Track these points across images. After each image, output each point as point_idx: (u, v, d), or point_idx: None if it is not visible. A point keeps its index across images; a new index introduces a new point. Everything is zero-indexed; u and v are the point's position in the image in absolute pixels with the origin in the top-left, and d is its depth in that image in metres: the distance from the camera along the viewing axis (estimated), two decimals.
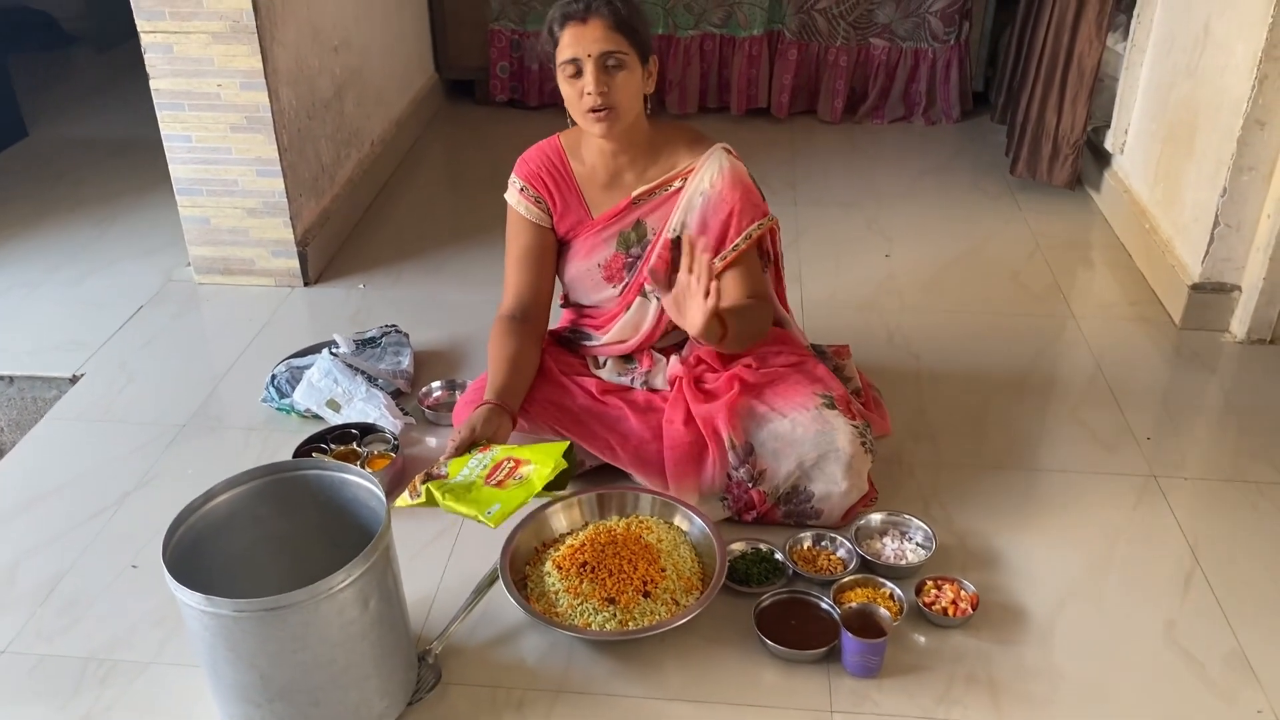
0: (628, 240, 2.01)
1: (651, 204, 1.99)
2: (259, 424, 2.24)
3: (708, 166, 1.97)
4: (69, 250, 3.01)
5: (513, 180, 2.04)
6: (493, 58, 3.97)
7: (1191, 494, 2.03)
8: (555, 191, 2.01)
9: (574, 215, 2.02)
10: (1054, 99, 3.14)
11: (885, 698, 1.59)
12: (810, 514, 1.90)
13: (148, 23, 2.47)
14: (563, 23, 1.84)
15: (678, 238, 1.97)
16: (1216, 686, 1.61)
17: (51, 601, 1.78)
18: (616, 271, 2.04)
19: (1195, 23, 2.64)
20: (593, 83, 1.82)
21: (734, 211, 1.96)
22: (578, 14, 1.82)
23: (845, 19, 3.81)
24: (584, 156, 2.00)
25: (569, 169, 2.01)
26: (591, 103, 1.83)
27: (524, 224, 2.03)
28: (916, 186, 3.42)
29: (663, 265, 1.98)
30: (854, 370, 2.24)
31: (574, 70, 1.83)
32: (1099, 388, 2.36)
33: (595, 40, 1.81)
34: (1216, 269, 2.52)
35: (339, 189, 3.05)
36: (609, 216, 2.01)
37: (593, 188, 2.01)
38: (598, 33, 1.81)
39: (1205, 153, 2.54)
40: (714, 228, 1.97)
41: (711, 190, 1.96)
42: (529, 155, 2.04)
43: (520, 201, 2.03)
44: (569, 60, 1.83)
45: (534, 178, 2.01)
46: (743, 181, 1.98)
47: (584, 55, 1.81)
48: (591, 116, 1.85)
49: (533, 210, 2.02)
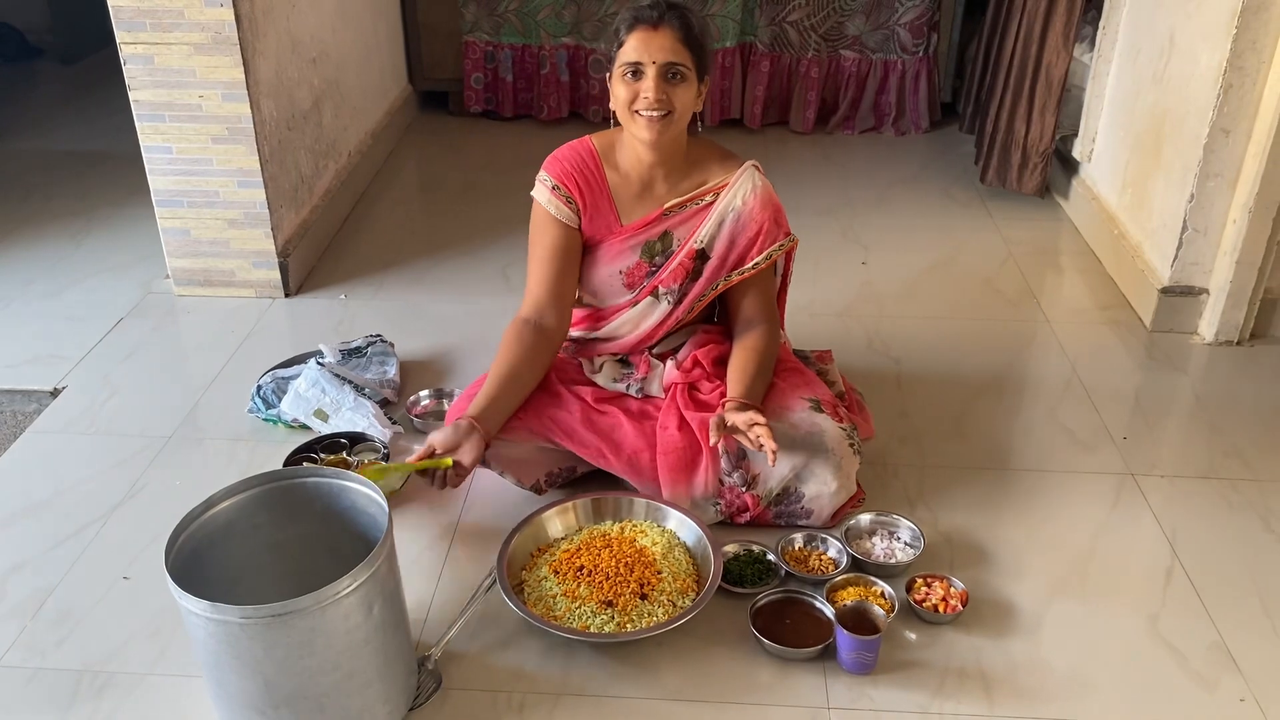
0: (652, 249, 2.02)
1: (681, 216, 2.01)
2: (245, 434, 2.24)
3: (740, 184, 2.00)
4: (43, 265, 2.98)
5: (543, 178, 2.02)
6: (467, 69, 3.99)
7: (1168, 491, 2.08)
8: (586, 194, 2.00)
9: (602, 221, 2.02)
10: (1023, 108, 3.21)
11: (881, 693, 1.62)
12: (801, 514, 1.93)
13: (128, 34, 2.46)
14: (632, 25, 1.85)
15: (702, 249, 2.00)
16: (1200, 676, 1.66)
17: (43, 615, 1.77)
18: (639, 279, 2.05)
19: (1160, 33, 2.72)
20: (653, 89, 1.84)
21: (761, 231, 2.00)
22: (650, 19, 1.84)
23: (816, 31, 3.87)
24: (618, 163, 2.01)
25: (602, 174, 2.01)
26: (647, 106, 1.85)
27: (552, 223, 2.01)
28: (889, 195, 3.48)
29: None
30: (837, 375, 2.28)
31: (634, 73, 1.85)
32: (1075, 389, 2.41)
33: (662, 49, 1.84)
34: (1185, 273, 2.58)
35: (318, 200, 3.04)
36: (638, 226, 2.01)
37: (625, 196, 2.02)
38: (666, 41, 1.84)
39: (1173, 160, 2.61)
40: (740, 244, 2.01)
41: (743, 208, 1.99)
42: (562, 154, 2.02)
43: (551, 200, 2.00)
44: (632, 63, 1.85)
45: (567, 177, 2.00)
46: (772, 202, 2.02)
47: (648, 61, 1.84)
48: (643, 119, 1.87)
49: (563, 210, 2.00)
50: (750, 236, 2.00)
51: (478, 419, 1.86)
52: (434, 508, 2.02)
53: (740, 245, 2.01)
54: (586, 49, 3.92)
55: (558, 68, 3.93)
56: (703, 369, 2.04)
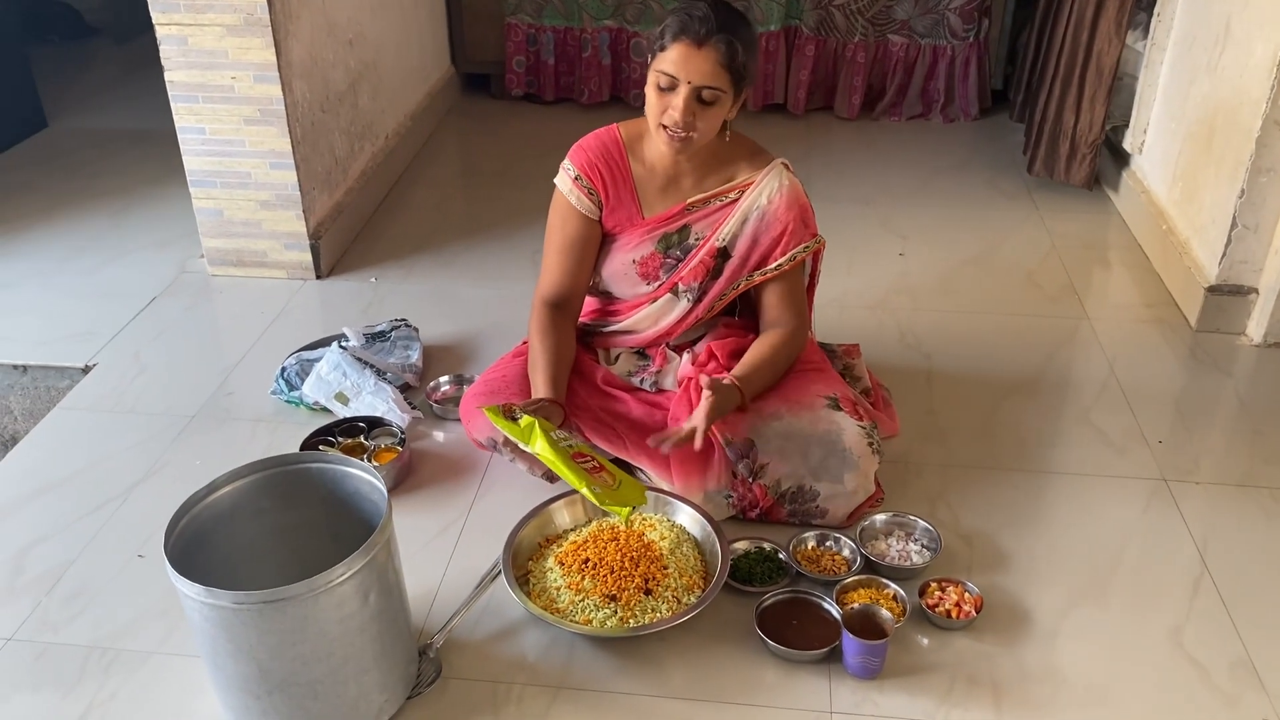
0: (669, 242, 1.99)
1: (704, 212, 1.97)
2: (268, 416, 2.25)
3: (767, 182, 1.96)
4: (84, 240, 3.03)
5: (566, 166, 1.99)
6: (509, 51, 3.97)
7: (1202, 498, 2.01)
8: (609, 185, 1.97)
9: (624, 212, 1.99)
10: (1072, 97, 3.11)
11: (886, 699, 1.58)
12: (816, 513, 1.89)
13: (163, 15, 2.48)
14: (676, 36, 1.78)
15: (724, 247, 1.97)
16: (1222, 693, 1.60)
17: (58, 590, 1.80)
18: (652, 270, 2.02)
19: (1216, 21, 2.61)
20: (681, 109, 1.79)
21: (786, 231, 1.96)
22: (695, 36, 1.76)
23: (863, 15, 3.79)
24: (644, 155, 1.97)
25: (627, 165, 1.97)
26: (672, 124, 1.81)
27: (572, 213, 1.99)
28: (932, 185, 3.40)
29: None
30: (863, 370, 2.23)
31: (668, 84, 1.80)
32: (1111, 390, 2.33)
33: (700, 72, 1.77)
34: (1234, 271, 2.49)
35: (352, 182, 3.05)
36: (660, 219, 1.98)
37: (648, 188, 1.98)
38: (706, 65, 1.77)
39: (1224, 153, 2.51)
40: (764, 244, 1.97)
41: (769, 206, 1.95)
42: (587, 144, 1.99)
43: (573, 190, 1.98)
44: (667, 74, 1.79)
45: (590, 168, 1.97)
46: (799, 202, 1.97)
47: (684, 80, 1.78)
48: (665, 134, 1.83)
49: (584, 201, 1.98)
50: (774, 236, 1.96)
51: (553, 398, 1.87)
52: (445, 495, 2.01)
53: (764, 245, 1.96)
54: (629, 32, 3.88)
55: (599, 51, 3.90)
56: (717, 362, 2.00)
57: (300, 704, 1.45)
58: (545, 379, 1.90)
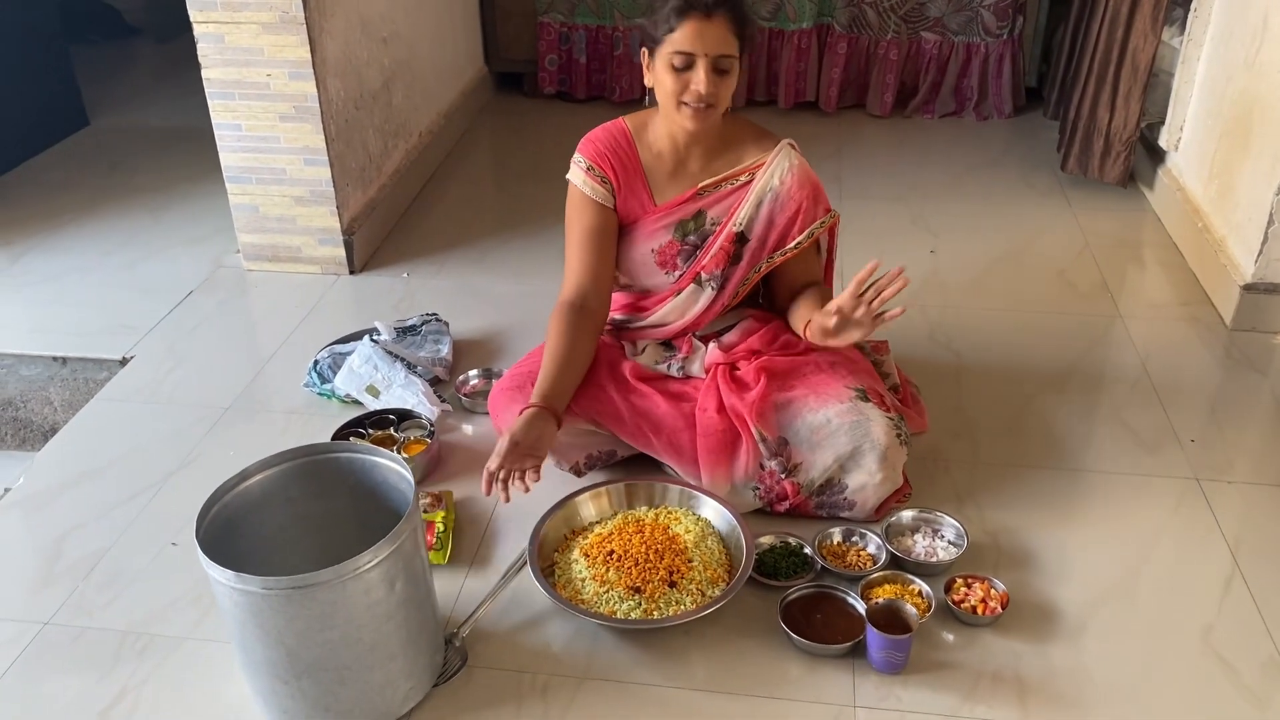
0: (685, 229, 2.00)
1: (716, 195, 1.98)
2: (300, 408, 2.28)
3: (777, 163, 1.96)
4: (123, 236, 3.08)
5: (577, 159, 2.00)
6: (541, 50, 3.99)
7: (1235, 498, 1.99)
8: (620, 173, 1.98)
9: (636, 200, 2.00)
10: (1106, 94, 3.08)
11: (910, 694, 1.58)
12: (843, 505, 1.89)
13: (200, 13, 2.52)
14: (683, 12, 1.78)
15: (741, 231, 1.97)
16: (1251, 693, 1.58)
17: (94, 576, 1.83)
18: (670, 258, 2.02)
19: (1254, 16, 2.58)
20: (705, 83, 1.80)
21: (800, 209, 1.96)
22: (703, 8, 1.78)
23: (896, 12, 3.78)
24: (651, 143, 1.99)
25: (635, 154, 1.99)
26: (696, 99, 1.82)
27: (588, 204, 1.99)
28: (964, 182, 3.38)
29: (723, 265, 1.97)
30: (892, 366, 2.22)
31: (684, 63, 1.80)
32: (1143, 389, 2.31)
33: (716, 40, 1.79)
34: (1270, 269, 2.46)
35: (386, 179, 3.08)
36: (672, 205, 1.99)
37: (658, 175, 2.00)
38: (720, 33, 1.79)
39: (1261, 150, 2.48)
40: (780, 225, 1.97)
41: (781, 187, 1.95)
42: (595, 135, 2.01)
43: (586, 181, 1.98)
44: (683, 53, 1.79)
45: (600, 158, 1.98)
46: (810, 180, 1.98)
47: (701, 53, 1.78)
48: (689, 110, 1.84)
49: (598, 190, 1.98)
50: (790, 216, 1.96)
51: (545, 405, 1.83)
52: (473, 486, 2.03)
53: (780, 225, 1.97)
54: None
55: (631, 49, 3.91)
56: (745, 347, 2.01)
57: (327, 689, 1.47)
58: (541, 386, 1.86)
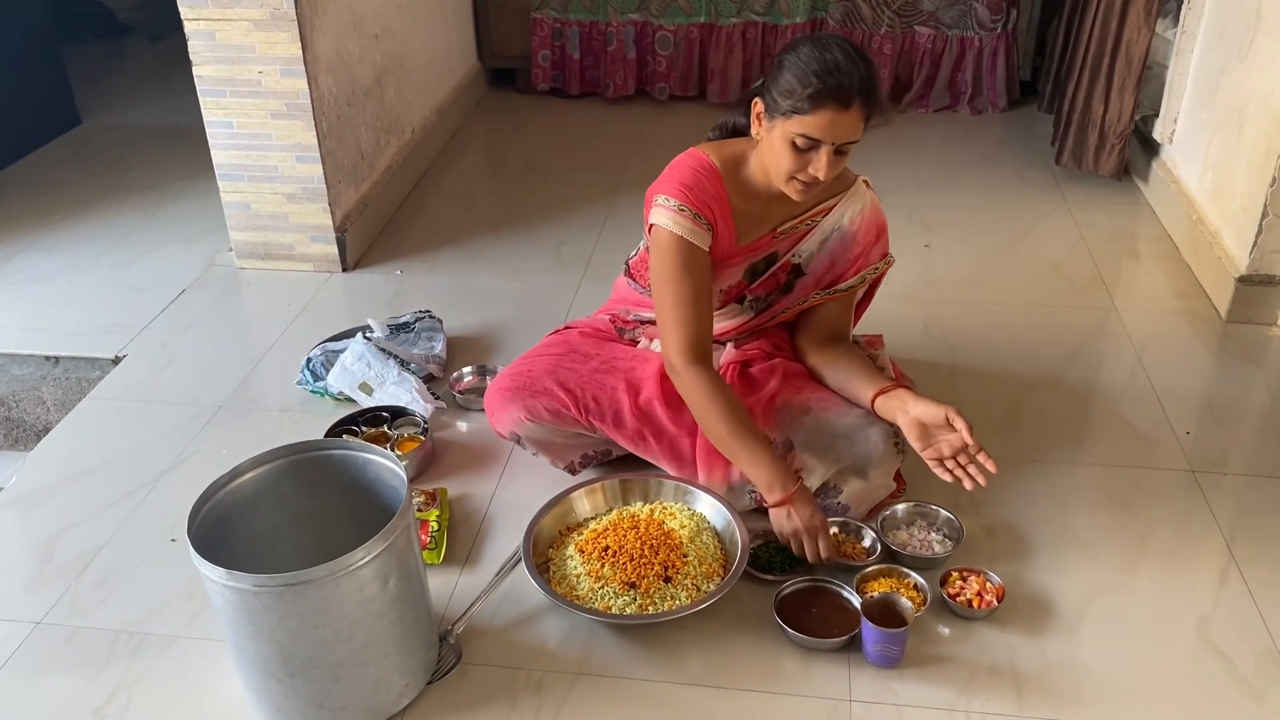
0: (755, 270, 1.95)
1: (791, 237, 1.94)
2: (293, 406, 2.28)
3: (850, 203, 1.92)
4: (116, 235, 3.07)
5: (679, 207, 1.80)
6: (534, 46, 3.98)
7: (1231, 490, 1.98)
8: (718, 220, 1.85)
9: (722, 246, 1.90)
10: (1101, 87, 3.08)
11: (905, 688, 1.58)
12: (836, 510, 1.88)
13: (191, 10, 2.51)
14: (820, 101, 1.65)
15: (799, 264, 1.94)
16: (1247, 684, 1.58)
17: (87, 575, 1.83)
18: (733, 295, 1.98)
19: (1247, 7, 2.57)
20: (825, 169, 1.70)
21: (862, 253, 1.94)
22: (842, 99, 1.65)
23: (890, 6, 3.77)
24: (742, 189, 1.86)
25: (726, 198, 1.86)
26: (811, 181, 1.74)
27: (697, 254, 1.81)
28: (959, 176, 3.37)
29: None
30: (886, 361, 2.21)
31: (807, 145, 1.69)
32: (1139, 382, 2.31)
33: (847, 132, 1.68)
34: (1265, 261, 2.45)
35: (379, 176, 3.07)
36: (752, 248, 1.92)
37: (745, 220, 1.90)
38: (853, 125, 1.68)
39: (1255, 142, 2.47)
40: (839, 265, 1.95)
41: (849, 228, 1.92)
42: (693, 183, 1.82)
43: (694, 231, 1.80)
44: (809, 138, 1.68)
45: (705, 207, 1.82)
46: (879, 224, 1.95)
47: (829, 141, 1.68)
48: (799, 185, 1.75)
49: (705, 238, 1.82)
50: (851, 258, 1.94)
51: (790, 479, 1.77)
52: (468, 484, 2.03)
53: (839, 267, 1.94)
54: (654, 25, 3.88)
55: (625, 44, 3.90)
56: (757, 348, 2.00)
57: (321, 687, 1.46)
58: (769, 460, 1.76)
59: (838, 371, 1.93)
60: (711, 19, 3.85)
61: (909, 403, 1.77)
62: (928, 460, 1.77)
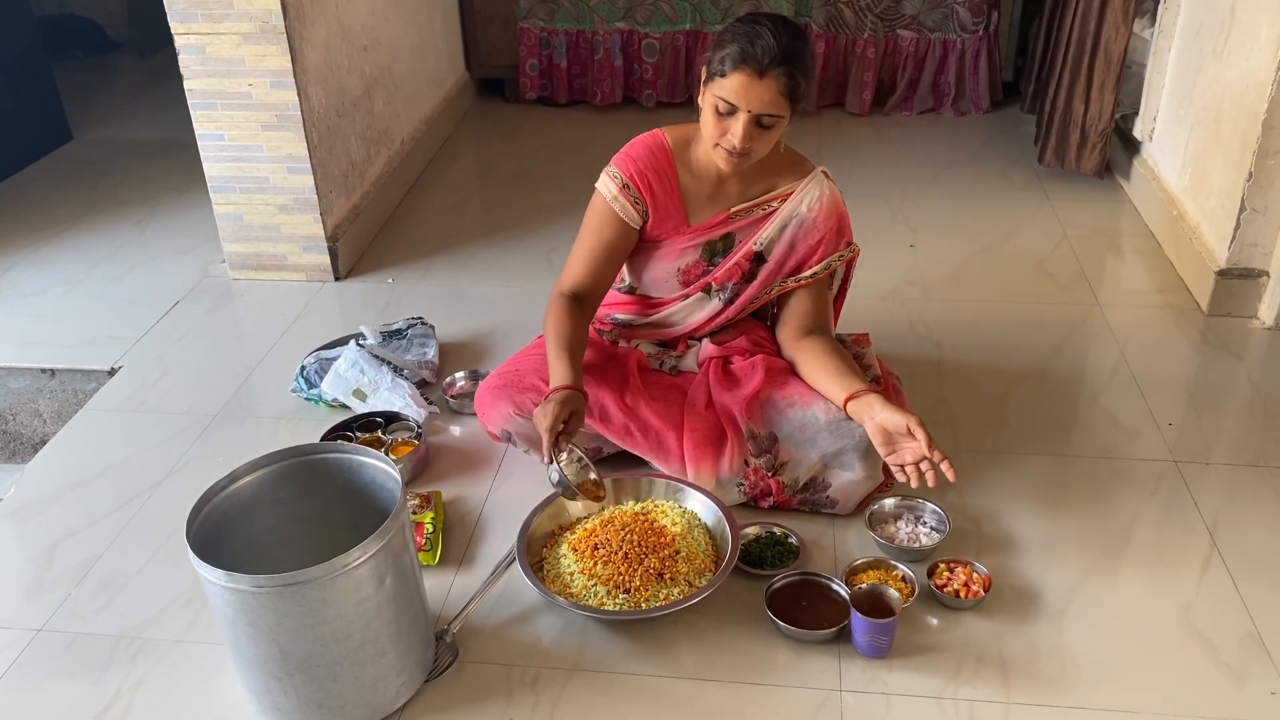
0: (713, 249, 2.00)
1: (747, 220, 1.98)
2: (288, 413, 2.30)
3: (808, 191, 1.97)
4: (109, 248, 3.09)
5: (614, 173, 1.95)
6: (522, 55, 4.02)
7: (1213, 479, 2.02)
8: (658, 194, 1.95)
9: (670, 221, 1.98)
10: (1081, 87, 3.12)
11: (895, 677, 1.60)
12: (826, 504, 1.91)
13: (181, 24, 2.54)
14: (737, 64, 1.74)
15: (760, 251, 1.99)
16: (1230, 668, 1.61)
17: (87, 583, 1.85)
18: (695, 277, 2.03)
19: (1222, 6, 2.62)
20: (740, 135, 1.77)
21: (822, 240, 1.98)
22: (755, 66, 1.73)
23: (872, 10, 3.81)
24: (690, 163, 1.96)
25: (674, 174, 1.95)
26: (730, 148, 1.80)
27: (613, 219, 1.96)
28: (943, 177, 3.41)
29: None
30: (873, 358, 2.24)
31: (727, 110, 1.77)
32: (1122, 375, 2.35)
33: (761, 100, 1.75)
34: (1244, 254, 2.49)
35: (369, 186, 3.10)
36: (705, 227, 1.98)
37: (694, 197, 1.97)
38: (767, 94, 1.74)
39: (1232, 137, 2.52)
40: (800, 251, 1.99)
41: (807, 215, 1.96)
42: (635, 153, 1.96)
43: (618, 198, 1.95)
44: (726, 101, 1.76)
45: (640, 178, 1.94)
46: (838, 211, 1.99)
47: (743, 108, 1.75)
48: (723, 153, 1.82)
49: (628, 210, 1.95)
50: (811, 244, 1.97)
51: (571, 384, 1.83)
52: (462, 486, 2.05)
53: (800, 252, 1.98)
54: (640, 33, 3.92)
55: (611, 53, 3.94)
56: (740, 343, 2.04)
57: (320, 685, 1.49)
58: (566, 366, 1.86)
59: (813, 369, 1.96)
60: (697, 26, 3.89)
61: (876, 408, 1.80)
62: (890, 464, 1.80)
